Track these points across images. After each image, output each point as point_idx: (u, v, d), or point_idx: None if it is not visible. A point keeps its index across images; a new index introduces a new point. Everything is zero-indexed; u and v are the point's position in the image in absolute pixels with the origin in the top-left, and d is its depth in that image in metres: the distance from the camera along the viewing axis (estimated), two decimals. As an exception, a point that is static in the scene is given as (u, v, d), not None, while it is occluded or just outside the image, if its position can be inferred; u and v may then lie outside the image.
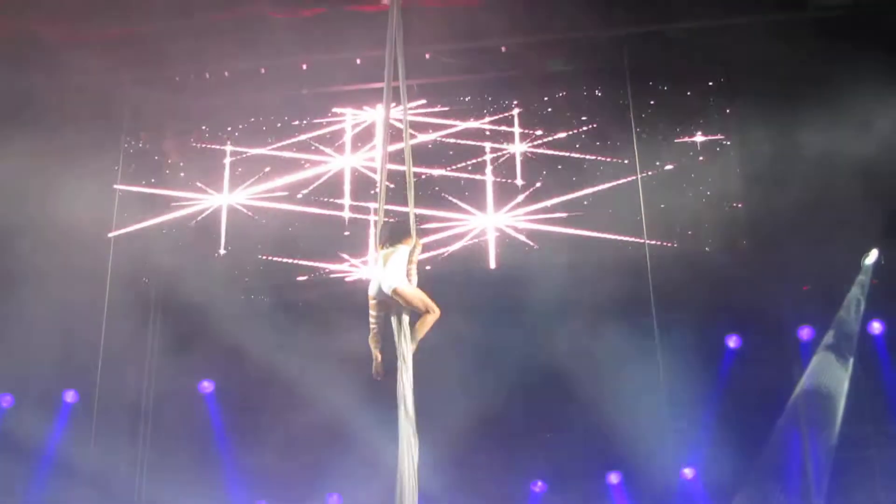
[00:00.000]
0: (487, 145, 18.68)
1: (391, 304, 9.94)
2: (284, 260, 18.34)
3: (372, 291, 9.86)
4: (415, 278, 10.10)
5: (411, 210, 10.03)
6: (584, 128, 18.51)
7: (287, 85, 18.75)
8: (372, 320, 9.85)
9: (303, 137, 18.97)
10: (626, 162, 18.08)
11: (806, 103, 17.06)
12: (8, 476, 17.70)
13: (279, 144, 19.00)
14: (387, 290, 9.77)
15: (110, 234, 18.29)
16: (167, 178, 19.06)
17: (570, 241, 18.17)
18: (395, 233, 9.85)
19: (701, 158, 18.11)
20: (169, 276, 18.44)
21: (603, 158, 18.37)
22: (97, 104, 18.19)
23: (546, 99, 18.69)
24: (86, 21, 16.99)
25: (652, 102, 18.41)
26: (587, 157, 18.37)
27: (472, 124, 18.78)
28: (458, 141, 18.70)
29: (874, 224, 17.12)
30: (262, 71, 18.46)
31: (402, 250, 9.85)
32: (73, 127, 17.98)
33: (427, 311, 9.90)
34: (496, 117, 18.79)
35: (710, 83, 18.31)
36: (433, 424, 16.87)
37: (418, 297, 9.91)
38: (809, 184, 16.80)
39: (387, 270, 9.79)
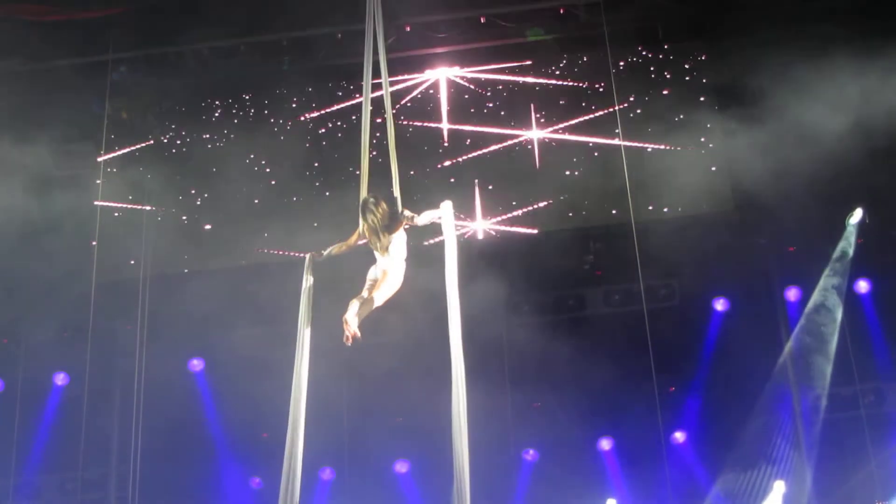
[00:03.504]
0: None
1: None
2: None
3: (371, 276, 9.84)
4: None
5: (397, 193, 9.97)
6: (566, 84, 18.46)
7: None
8: (365, 293, 9.80)
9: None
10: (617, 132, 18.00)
11: (792, 67, 17.02)
12: (1, 457, 17.72)
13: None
14: (382, 270, 9.76)
15: (96, 202, 18.17)
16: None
17: (555, 204, 18.10)
18: (392, 222, 9.75)
19: (685, 121, 18.06)
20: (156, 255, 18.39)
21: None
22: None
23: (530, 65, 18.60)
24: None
25: (634, 67, 18.34)
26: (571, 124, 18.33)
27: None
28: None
29: (858, 184, 17.13)
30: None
31: (400, 235, 9.79)
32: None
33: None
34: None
35: (695, 50, 18.23)
36: (419, 397, 17.11)
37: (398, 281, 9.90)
38: (794, 146, 16.78)
39: (392, 258, 9.75)
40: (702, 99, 18.01)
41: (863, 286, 17.96)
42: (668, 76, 18.17)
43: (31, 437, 18.27)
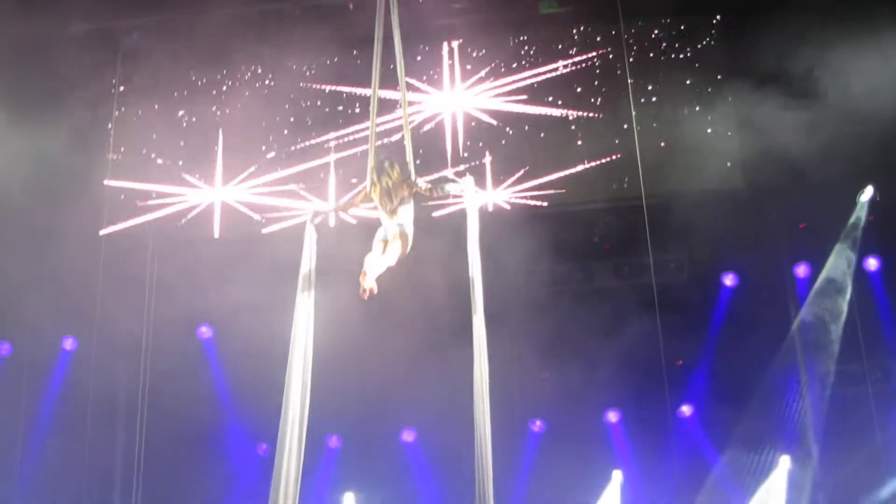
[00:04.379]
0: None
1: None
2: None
3: (380, 237, 9.84)
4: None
5: (410, 159, 10.01)
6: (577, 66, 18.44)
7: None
8: (376, 254, 9.82)
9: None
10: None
11: (803, 46, 16.98)
12: (7, 424, 17.78)
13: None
14: (394, 233, 9.78)
15: (106, 182, 18.19)
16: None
17: (567, 182, 18.09)
18: (404, 186, 9.80)
19: (698, 98, 18.04)
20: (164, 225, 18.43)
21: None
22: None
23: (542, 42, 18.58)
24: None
25: (646, 45, 18.31)
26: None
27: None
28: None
29: (869, 161, 17.09)
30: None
31: (409, 200, 9.85)
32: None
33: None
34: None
35: (709, 24, 18.20)
36: (426, 367, 17.15)
37: (409, 242, 9.94)
38: (805, 124, 16.75)
39: (401, 221, 9.79)
40: (718, 77, 17.99)
41: (872, 263, 17.95)
42: (682, 53, 18.13)
43: (39, 401, 18.30)
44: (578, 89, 18.27)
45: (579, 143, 18.04)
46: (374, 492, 18.05)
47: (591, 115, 18.04)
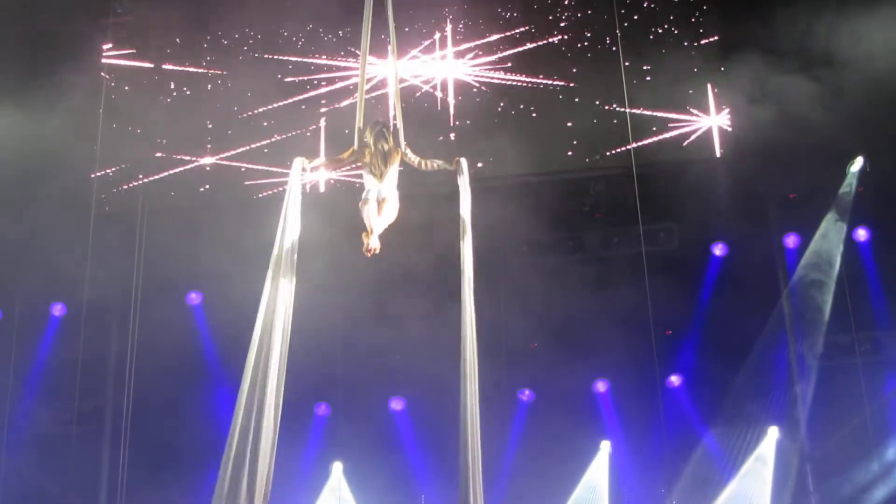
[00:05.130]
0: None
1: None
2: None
3: (374, 196, 9.81)
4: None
5: (400, 125, 10.03)
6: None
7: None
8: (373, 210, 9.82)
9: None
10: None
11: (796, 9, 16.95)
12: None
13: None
14: (387, 195, 9.79)
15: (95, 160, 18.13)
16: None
17: (555, 146, 18.09)
18: (391, 155, 9.84)
19: (687, 65, 18.02)
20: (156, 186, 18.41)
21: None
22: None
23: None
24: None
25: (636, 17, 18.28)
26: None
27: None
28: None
29: (861, 131, 17.06)
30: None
31: (396, 166, 9.90)
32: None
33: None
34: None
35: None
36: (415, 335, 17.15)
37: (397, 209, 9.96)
38: (794, 92, 16.73)
39: (389, 185, 9.80)
40: (703, 42, 17.96)
41: (862, 234, 17.93)
42: (670, 20, 18.12)
43: (28, 367, 18.29)
44: (569, 54, 18.26)
45: (568, 115, 18.04)
46: (362, 460, 18.04)
47: (572, 84, 18.05)
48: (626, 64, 17.51)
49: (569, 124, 18.03)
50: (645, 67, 17.97)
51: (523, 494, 17.76)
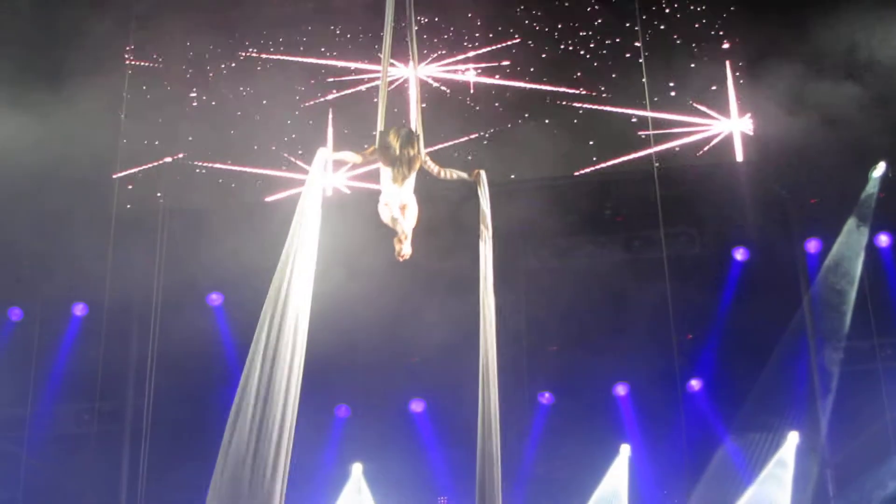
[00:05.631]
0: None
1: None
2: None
3: (397, 202, 9.77)
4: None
5: (420, 132, 9.99)
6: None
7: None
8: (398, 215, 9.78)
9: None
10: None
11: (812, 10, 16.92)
12: (19, 388, 17.83)
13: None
14: (408, 200, 9.77)
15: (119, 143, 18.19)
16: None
17: (577, 148, 18.11)
18: (414, 161, 9.81)
19: (706, 69, 18.01)
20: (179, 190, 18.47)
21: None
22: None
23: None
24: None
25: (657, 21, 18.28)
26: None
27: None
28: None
29: (883, 137, 17.02)
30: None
31: (414, 174, 9.87)
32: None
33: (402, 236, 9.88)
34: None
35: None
36: (436, 337, 17.14)
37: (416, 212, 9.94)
38: (818, 96, 16.69)
39: (408, 190, 9.77)
40: (724, 47, 17.95)
41: (883, 240, 17.89)
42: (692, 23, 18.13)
43: (49, 366, 18.35)
44: (595, 64, 18.29)
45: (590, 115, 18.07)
46: (382, 462, 18.07)
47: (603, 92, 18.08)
48: (646, 67, 17.52)
49: (591, 128, 18.01)
50: (668, 74, 17.97)
51: (542, 497, 17.77)
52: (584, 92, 18.10)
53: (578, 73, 18.18)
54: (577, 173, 18.05)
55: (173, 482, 17.54)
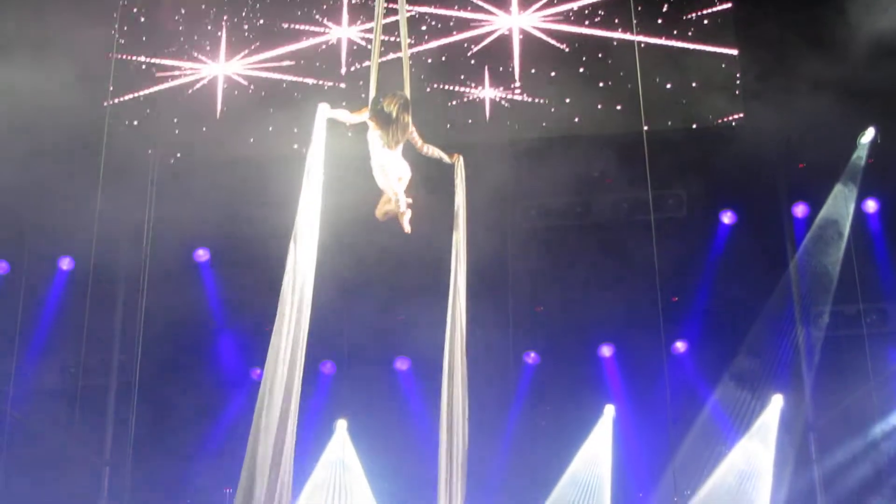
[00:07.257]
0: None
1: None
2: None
3: (394, 171, 9.77)
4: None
5: (407, 94, 9.97)
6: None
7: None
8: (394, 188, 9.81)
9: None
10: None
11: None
12: (3, 342, 17.79)
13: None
14: (397, 169, 9.77)
15: (105, 104, 18.07)
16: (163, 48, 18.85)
17: (565, 110, 18.08)
18: (405, 129, 9.80)
19: (700, 33, 17.96)
20: (167, 145, 18.40)
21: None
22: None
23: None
24: None
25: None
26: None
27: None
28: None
29: (872, 101, 17.00)
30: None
31: (404, 140, 9.89)
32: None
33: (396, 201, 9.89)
34: None
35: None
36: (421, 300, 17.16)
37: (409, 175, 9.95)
38: (803, 61, 16.67)
39: (397, 154, 9.78)
40: (717, 8, 17.91)
41: (871, 206, 17.91)
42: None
43: (35, 320, 18.33)
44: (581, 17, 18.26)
45: (580, 74, 18.01)
46: (366, 419, 18.11)
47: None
48: (638, 28, 17.50)
49: (580, 88, 17.98)
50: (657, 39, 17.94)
51: (527, 456, 17.84)
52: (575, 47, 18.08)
53: None
54: (565, 134, 18.02)
55: (157, 436, 17.62)
